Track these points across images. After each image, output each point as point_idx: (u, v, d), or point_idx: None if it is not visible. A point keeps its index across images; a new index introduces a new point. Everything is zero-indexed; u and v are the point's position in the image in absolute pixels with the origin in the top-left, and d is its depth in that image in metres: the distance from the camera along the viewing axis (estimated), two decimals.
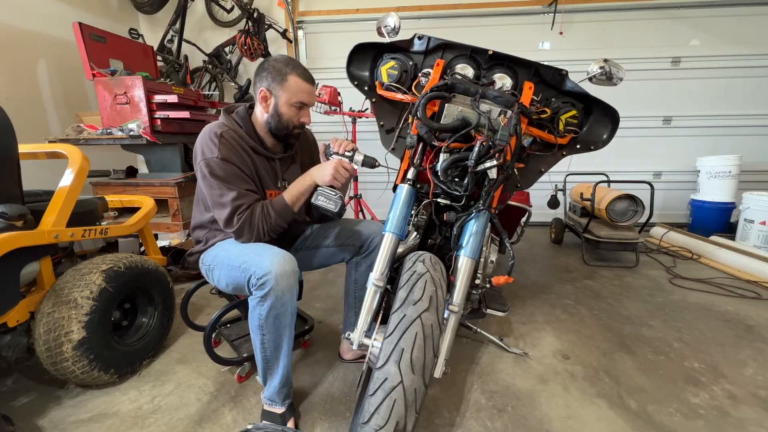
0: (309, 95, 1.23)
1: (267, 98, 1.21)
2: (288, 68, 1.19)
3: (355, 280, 1.44)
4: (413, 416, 0.85)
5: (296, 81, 1.19)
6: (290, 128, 1.26)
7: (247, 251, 1.15)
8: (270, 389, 1.19)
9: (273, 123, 1.24)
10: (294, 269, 1.09)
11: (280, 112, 1.22)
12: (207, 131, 1.19)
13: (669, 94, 3.69)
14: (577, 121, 1.27)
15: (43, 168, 2.65)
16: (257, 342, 1.14)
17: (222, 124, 1.22)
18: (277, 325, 1.10)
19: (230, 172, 1.16)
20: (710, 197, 3.36)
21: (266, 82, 1.20)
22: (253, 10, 3.42)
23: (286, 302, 1.08)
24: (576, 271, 2.64)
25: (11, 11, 2.73)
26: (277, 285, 1.04)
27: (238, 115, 1.27)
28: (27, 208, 1.23)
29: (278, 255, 1.09)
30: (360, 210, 3.25)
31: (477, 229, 1.12)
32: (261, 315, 1.09)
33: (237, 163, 1.17)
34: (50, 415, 1.26)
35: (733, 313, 1.97)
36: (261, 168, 1.26)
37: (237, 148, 1.19)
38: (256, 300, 1.08)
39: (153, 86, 2.52)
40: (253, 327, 1.12)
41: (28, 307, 1.30)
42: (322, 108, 2.97)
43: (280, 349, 1.14)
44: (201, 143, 1.18)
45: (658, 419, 1.24)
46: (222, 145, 1.15)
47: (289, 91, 1.19)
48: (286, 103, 1.20)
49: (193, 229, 1.36)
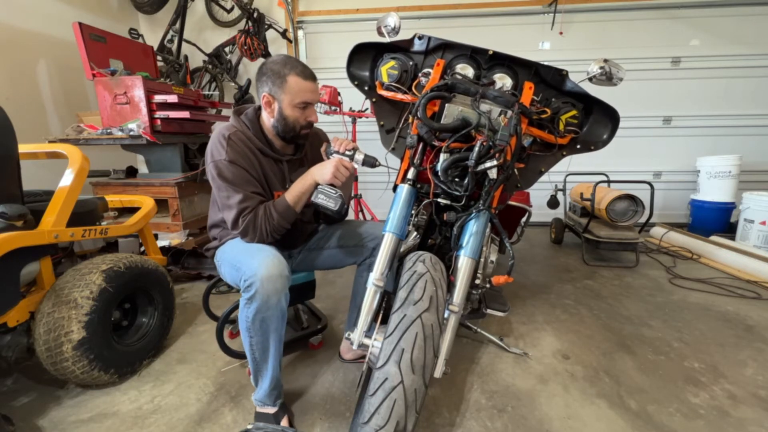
0: (311, 93, 1.21)
1: (270, 103, 1.21)
2: (286, 69, 1.17)
3: (365, 281, 1.42)
4: (413, 416, 0.85)
5: (296, 81, 1.17)
6: (297, 129, 1.25)
7: (244, 251, 1.16)
8: (260, 391, 1.19)
9: (280, 127, 1.24)
10: (282, 273, 1.07)
11: (285, 115, 1.21)
12: (216, 133, 1.21)
13: (669, 94, 3.69)
14: (577, 122, 1.27)
15: (43, 168, 2.65)
16: (246, 343, 1.14)
17: (231, 125, 1.23)
18: (264, 328, 1.10)
19: (237, 175, 1.16)
20: (710, 197, 3.35)
21: (267, 86, 1.19)
22: (253, 10, 3.42)
23: (272, 306, 1.07)
24: (576, 271, 2.64)
25: (11, 11, 2.73)
26: (262, 288, 1.04)
27: (247, 117, 1.27)
28: (27, 208, 1.23)
29: (267, 258, 1.07)
30: (360, 210, 3.25)
31: (477, 229, 1.12)
32: (248, 317, 1.09)
33: (244, 165, 1.17)
34: (50, 415, 1.26)
35: (733, 313, 1.97)
36: (268, 169, 1.26)
37: (245, 149, 1.19)
38: (244, 302, 1.09)
39: (153, 86, 2.51)
40: (242, 328, 1.13)
41: (28, 307, 1.30)
42: (322, 108, 2.97)
43: (267, 352, 1.14)
44: (211, 145, 1.19)
45: (658, 419, 1.24)
46: (230, 147, 1.16)
47: (291, 92, 1.18)
48: (289, 105, 1.19)
49: (209, 227, 1.39)
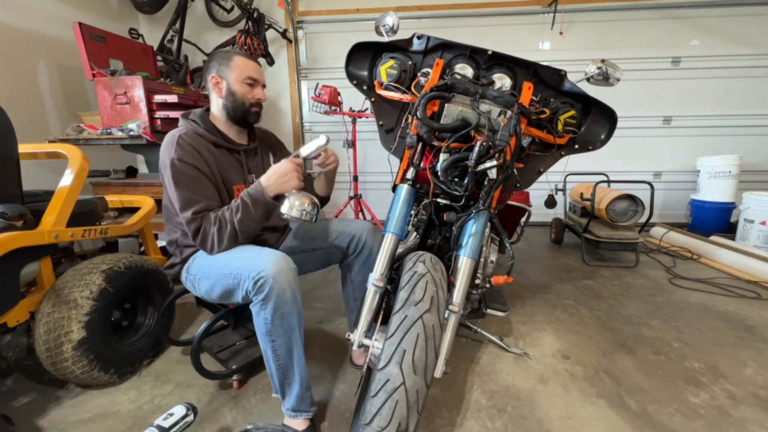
0: (257, 71, 1.25)
1: (219, 82, 1.22)
2: (231, 52, 1.24)
3: (351, 282, 1.42)
4: (415, 417, 0.85)
5: (241, 59, 1.22)
6: (247, 105, 1.25)
7: (237, 257, 1.10)
8: (292, 399, 1.13)
9: (229, 105, 1.24)
10: (291, 266, 1.06)
11: (233, 90, 1.22)
12: (165, 139, 1.17)
13: (669, 94, 3.69)
14: (575, 122, 1.27)
15: (43, 168, 2.66)
16: (268, 351, 1.09)
17: (179, 129, 1.20)
18: (286, 326, 1.06)
19: (189, 175, 1.12)
20: (710, 197, 3.35)
21: (214, 69, 1.22)
22: (253, 10, 3.42)
23: (288, 300, 1.04)
24: (576, 271, 2.64)
25: (11, 11, 2.73)
26: (276, 283, 1.01)
27: (195, 115, 1.26)
28: (27, 208, 1.23)
29: (271, 254, 1.06)
30: (360, 210, 3.25)
31: (477, 229, 1.12)
32: (267, 319, 1.04)
33: (194, 163, 1.13)
34: (50, 415, 1.26)
35: (733, 313, 1.97)
36: (225, 163, 1.23)
37: (197, 148, 1.15)
38: (258, 305, 1.04)
39: (153, 86, 2.52)
40: (261, 335, 1.08)
41: (28, 307, 1.30)
42: (322, 108, 2.97)
43: (292, 352, 1.09)
44: (161, 151, 1.15)
45: (658, 419, 1.24)
46: (179, 146, 1.12)
47: (237, 68, 1.21)
48: (236, 80, 1.21)
49: (168, 244, 1.30)
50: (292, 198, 1.10)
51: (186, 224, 1.11)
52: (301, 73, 4.02)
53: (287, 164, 1.13)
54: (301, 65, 4.01)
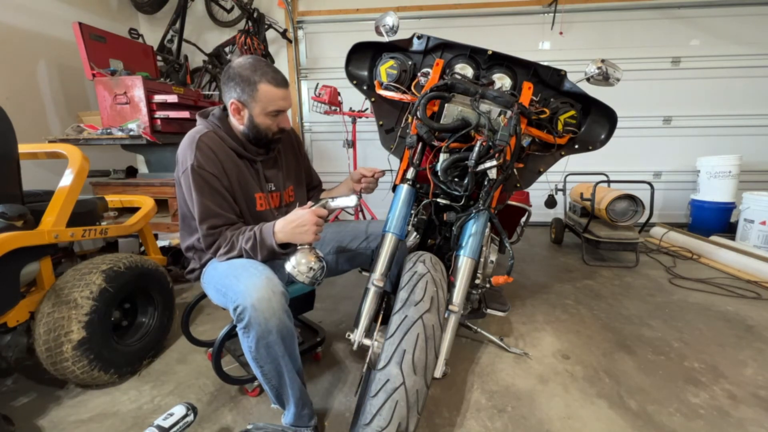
0: (284, 101, 1.15)
1: (240, 110, 1.14)
2: (256, 75, 1.09)
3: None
4: (415, 417, 0.86)
5: (268, 89, 1.10)
6: (270, 136, 1.20)
7: (228, 273, 1.06)
8: (289, 415, 1.11)
9: (251, 134, 1.18)
10: (275, 290, 0.97)
11: (256, 123, 1.15)
12: (185, 138, 1.14)
13: (669, 94, 3.69)
14: (575, 122, 1.27)
15: (43, 168, 2.66)
16: (258, 374, 1.05)
17: (200, 128, 1.16)
18: (272, 354, 1.00)
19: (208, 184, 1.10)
20: (710, 197, 3.35)
21: (235, 93, 1.12)
22: (253, 10, 3.42)
23: (272, 329, 0.96)
24: (576, 271, 2.64)
25: (11, 11, 2.73)
26: (255, 314, 0.93)
27: (215, 116, 1.21)
28: (27, 208, 1.23)
29: (254, 278, 0.98)
30: (360, 210, 3.25)
31: (477, 229, 1.12)
32: (251, 347, 0.99)
33: (213, 171, 1.11)
34: (50, 415, 1.26)
35: (733, 313, 1.97)
36: (243, 169, 1.20)
37: (217, 152, 1.13)
38: (241, 332, 0.99)
39: (153, 86, 2.51)
40: (249, 360, 1.03)
41: (28, 307, 1.30)
42: (322, 108, 2.97)
43: (283, 377, 1.04)
44: (179, 152, 1.14)
45: (658, 419, 1.24)
46: (198, 151, 1.09)
47: (262, 101, 1.11)
48: (261, 113, 1.13)
49: (185, 250, 1.28)
50: (299, 255, 1.03)
51: (201, 236, 1.13)
52: (301, 73, 4.02)
53: (309, 216, 1.03)
54: (301, 65, 4.01)
